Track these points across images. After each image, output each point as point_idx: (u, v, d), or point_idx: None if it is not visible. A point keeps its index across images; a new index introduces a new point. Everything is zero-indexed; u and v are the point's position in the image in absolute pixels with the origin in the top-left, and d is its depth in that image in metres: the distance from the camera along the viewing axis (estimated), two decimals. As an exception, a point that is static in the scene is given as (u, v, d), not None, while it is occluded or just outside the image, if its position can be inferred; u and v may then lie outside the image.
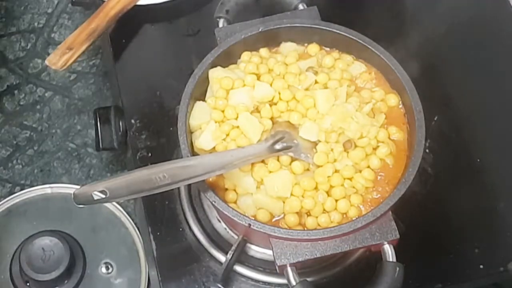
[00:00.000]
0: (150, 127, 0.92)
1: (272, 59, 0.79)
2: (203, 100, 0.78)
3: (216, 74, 0.78)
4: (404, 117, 0.77)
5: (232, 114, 0.75)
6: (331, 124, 0.73)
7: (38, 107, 1.09)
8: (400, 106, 0.77)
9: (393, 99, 0.77)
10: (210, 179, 0.73)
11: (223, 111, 0.76)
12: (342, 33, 0.79)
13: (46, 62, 0.91)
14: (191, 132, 0.77)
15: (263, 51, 0.81)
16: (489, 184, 0.89)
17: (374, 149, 0.74)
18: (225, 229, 0.85)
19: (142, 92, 0.95)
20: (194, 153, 0.74)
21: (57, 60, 0.90)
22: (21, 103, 1.09)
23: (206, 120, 0.76)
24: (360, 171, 0.72)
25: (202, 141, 0.74)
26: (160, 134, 0.91)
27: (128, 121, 0.92)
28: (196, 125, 0.76)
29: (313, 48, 0.81)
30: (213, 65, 0.79)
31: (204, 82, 0.79)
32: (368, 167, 0.73)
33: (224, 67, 0.79)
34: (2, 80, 1.10)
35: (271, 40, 0.81)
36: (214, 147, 0.74)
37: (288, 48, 0.81)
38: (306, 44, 0.82)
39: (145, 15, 0.98)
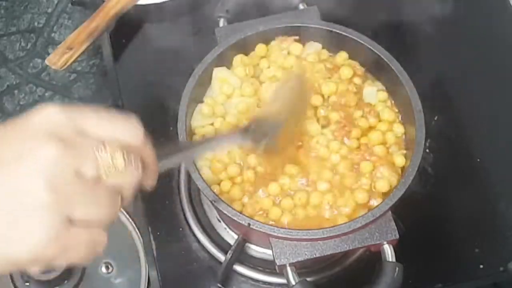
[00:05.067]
0: (150, 127, 0.91)
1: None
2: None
3: (220, 75, 0.78)
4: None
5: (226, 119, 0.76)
6: None
7: (38, 107, 1.09)
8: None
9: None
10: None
11: (214, 112, 0.77)
12: (341, 32, 0.79)
13: (46, 61, 0.91)
14: (194, 134, 0.77)
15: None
16: (489, 184, 0.88)
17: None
18: (225, 229, 0.85)
19: (142, 92, 0.95)
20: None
21: (57, 59, 0.90)
22: (21, 103, 1.09)
23: (208, 122, 0.77)
24: None
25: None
26: (160, 134, 0.90)
27: (128, 121, 0.92)
28: (197, 126, 0.77)
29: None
30: (218, 65, 0.79)
31: (205, 82, 0.79)
32: None
33: (229, 68, 0.80)
34: (2, 80, 1.10)
35: (271, 40, 0.82)
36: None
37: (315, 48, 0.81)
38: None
39: (145, 15, 0.98)
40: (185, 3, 0.98)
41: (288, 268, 0.69)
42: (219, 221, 0.85)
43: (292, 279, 0.68)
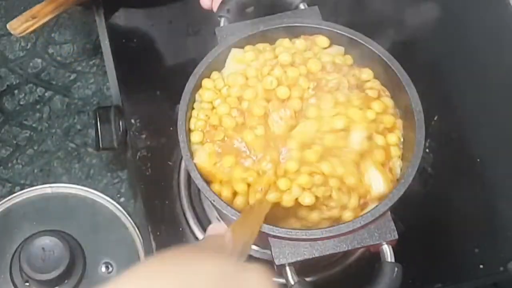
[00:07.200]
0: (150, 127, 0.92)
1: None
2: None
3: (238, 55, 0.78)
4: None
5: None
6: None
7: (38, 106, 1.09)
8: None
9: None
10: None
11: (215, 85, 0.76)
12: (342, 32, 0.79)
13: (7, 26, 0.93)
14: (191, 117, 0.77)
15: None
16: (489, 184, 0.88)
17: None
18: (225, 229, 0.84)
19: (142, 92, 0.96)
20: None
21: (18, 26, 0.92)
22: (21, 102, 1.09)
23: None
24: None
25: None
26: (160, 134, 0.91)
27: (128, 121, 0.92)
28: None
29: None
30: (217, 65, 0.79)
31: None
32: None
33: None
34: (2, 80, 1.10)
35: (272, 39, 0.82)
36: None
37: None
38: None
39: (145, 15, 0.98)
40: (185, 3, 0.98)
41: (287, 268, 0.68)
42: (219, 221, 0.85)
43: (291, 279, 0.68)
